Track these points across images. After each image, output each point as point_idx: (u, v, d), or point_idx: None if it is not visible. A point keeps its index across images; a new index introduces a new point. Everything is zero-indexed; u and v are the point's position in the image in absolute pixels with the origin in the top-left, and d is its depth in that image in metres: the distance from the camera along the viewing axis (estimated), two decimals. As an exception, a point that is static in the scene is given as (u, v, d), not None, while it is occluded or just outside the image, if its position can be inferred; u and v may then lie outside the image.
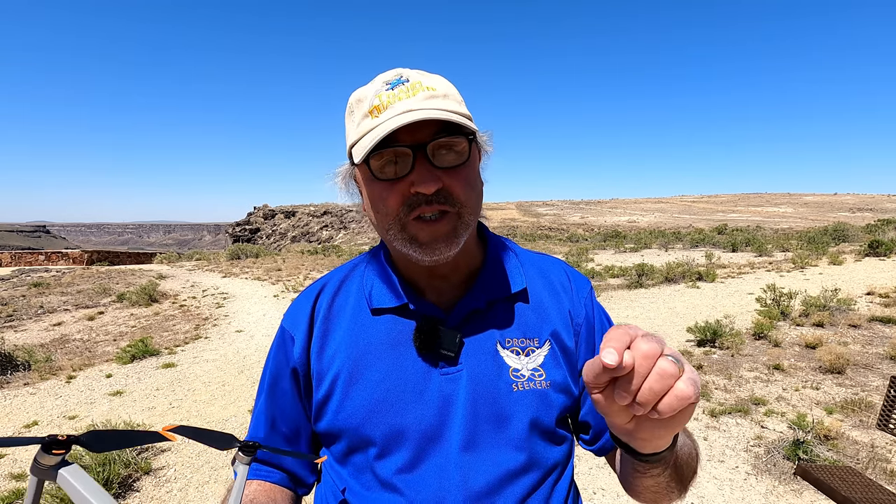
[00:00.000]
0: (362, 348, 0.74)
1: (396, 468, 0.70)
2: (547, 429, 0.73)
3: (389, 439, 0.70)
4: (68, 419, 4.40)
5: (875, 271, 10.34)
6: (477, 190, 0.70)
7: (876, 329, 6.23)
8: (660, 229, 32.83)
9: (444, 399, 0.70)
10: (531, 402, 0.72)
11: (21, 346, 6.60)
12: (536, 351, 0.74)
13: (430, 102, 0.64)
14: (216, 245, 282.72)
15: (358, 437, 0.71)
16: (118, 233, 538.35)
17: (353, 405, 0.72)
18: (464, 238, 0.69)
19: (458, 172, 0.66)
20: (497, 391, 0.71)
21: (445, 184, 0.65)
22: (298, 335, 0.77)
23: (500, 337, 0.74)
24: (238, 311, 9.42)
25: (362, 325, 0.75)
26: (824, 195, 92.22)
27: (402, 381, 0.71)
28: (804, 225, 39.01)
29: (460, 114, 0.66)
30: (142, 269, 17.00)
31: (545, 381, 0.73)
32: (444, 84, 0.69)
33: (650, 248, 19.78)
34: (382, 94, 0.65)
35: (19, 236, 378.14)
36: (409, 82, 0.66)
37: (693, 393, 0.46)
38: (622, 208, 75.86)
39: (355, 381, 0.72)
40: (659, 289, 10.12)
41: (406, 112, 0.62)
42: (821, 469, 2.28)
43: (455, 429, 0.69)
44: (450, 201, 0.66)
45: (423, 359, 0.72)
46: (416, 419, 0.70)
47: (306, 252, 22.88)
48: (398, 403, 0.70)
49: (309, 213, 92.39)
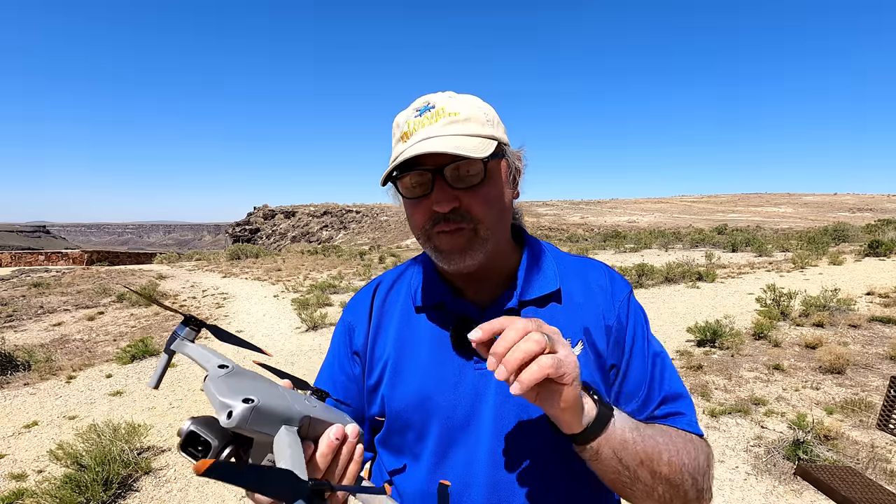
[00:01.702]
0: (407, 342, 0.81)
1: (430, 453, 0.76)
2: None
3: (425, 426, 0.77)
4: (68, 419, 4.41)
5: (875, 271, 10.34)
6: (497, 206, 0.74)
7: (876, 329, 6.23)
8: (660, 229, 32.83)
9: (476, 392, 0.76)
10: None
11: (21, 346, 6.60)
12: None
13: (448, 128, 0.70)
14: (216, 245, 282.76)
15: (400, 422, 0.79)
16: (118, 233, 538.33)
17: (397, 393, 0.79)
18: (482, 251, 0.74)
19: (474, 192, 0.71)
20: None
21: (463, 203, 0.71)
22: (360, 325, 0.87)
23: None
24: (238, 312, 9.43)
25: (409, 320, 0.83)
26: (824, 195, 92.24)
27: (440, 373, 0.77)
28: (804, 225, 39.02)
29: (480, 135, 0.71)
30: (142, 269, 17.01)
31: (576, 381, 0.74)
32: (469, 107, 0.73)
33: (650, 248, 19.78)
34: (411, 120, 0.73)
35: (19, 236, 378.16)
36: (433, 109, 0.73)
37: (551, 366, 0.53)
38: (622, 208, 75.88)
39: (399, 372, 0.80)
40: (659, 289, 10.12)
41: (423, 140, 0.69)
42: (821, 469, 2.28)
43: (485, 420, 0.75)
44: (466, 218, 0.72)
45: (458, 354, 0.77)
46: (450, 409, 0.76)
47: (306, 252, 22.88)
48: (435, 394, 0.77)
49: (309, 214, 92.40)
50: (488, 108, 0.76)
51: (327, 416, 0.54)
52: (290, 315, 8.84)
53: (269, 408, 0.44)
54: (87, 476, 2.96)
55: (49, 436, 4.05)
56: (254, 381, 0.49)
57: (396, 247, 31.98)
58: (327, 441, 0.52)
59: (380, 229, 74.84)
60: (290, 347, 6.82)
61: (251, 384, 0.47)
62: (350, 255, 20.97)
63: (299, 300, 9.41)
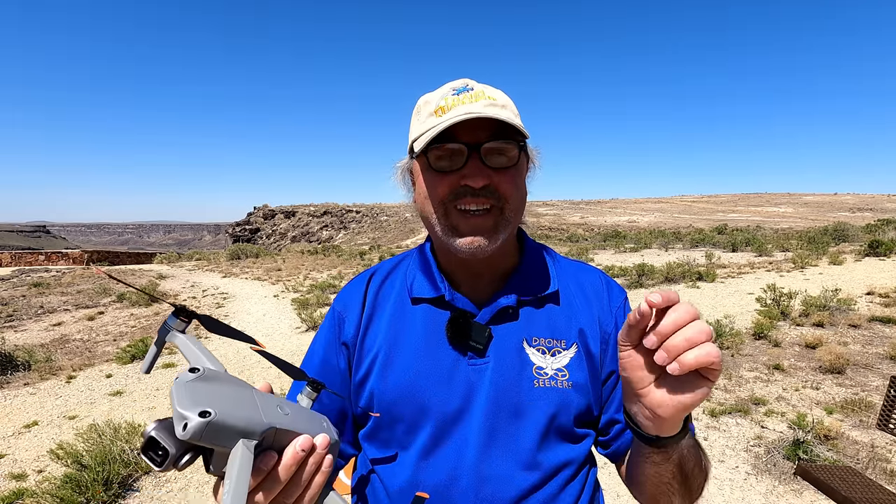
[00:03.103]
0: (400, 334, 0.80)
1: (419, 446, 0.76)
2: (563, 426, 0.76)
3: (416, 419, 0.76)
4: (68, 419, 4.41)
5: (875, 271, 10.34)
6: (521, 192, 0.76)
7: (876, 329, 6.23)
8: (660, 229, 32.84)
9: (469, 387, 0.76)
10: (550, 400, 0.75)
11: (21, 346, 6.60)
12: (563, 352, 0.78)
13: (489, 110, 0.70)
14: (216, 245, 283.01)
15: (389, 415, 0.77)
16: (118, 233, 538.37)
17: (389, 385, 0.78)
18: (503, 235, 0.74)
19: (506, 173, 0.72)
20: (519, 385, 0.75)
21: (493, 181, 0.71)
22: (351, 317, 0.84)
23: (528, 335, 0.78)
24: (238, 311, 9.43)
25: (402, 312, 0.82)
26: (824, 195, 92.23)
27: (433, 366, 0.77)
28: (804, 225, 39.02)
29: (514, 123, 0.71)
30: (142, 269, 17.01)
31: (568, 381, 0.76)
32: (504, 97, 0.76)
33: (650, 248, 19.77)
34: (448, 97, 0.73)
35: (19, 236, 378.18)
36: (473, 90, 0.74)
37: (717, 358, 0.49)
38: (622, 208, 75.86)
39: (391, 364, 0.78)
40: (659, 288, 10.12)
41: (467, 113, 0.69)
42: (821, 469, 2.28)
43: (476, 416, 0.75)
44: (495, 196, 0.72)
45: (453, 348, 0.77)
46: (442, 403, 0.75)
47: (306, 252, 22.87)
48: (427, 387, 0.76)
49: (309, 213, 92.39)
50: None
51: (298, 425, 0.53)
52: (290, 315, 8.84)
53: (225, 422, 0.43)
54: (88, 476, 2.96)
55: (49, 436, 4.05)
56: (223, 387, 0.48)
57: (396, 247, 32.00)
58: (292, 452, 0.51)
59: (380, 229, 74.86)
60: (290, 347, 6.82)
61: (217, 392, 0.46)
62: (350, 255, 20.97)
63: (299, 300, 9.41)
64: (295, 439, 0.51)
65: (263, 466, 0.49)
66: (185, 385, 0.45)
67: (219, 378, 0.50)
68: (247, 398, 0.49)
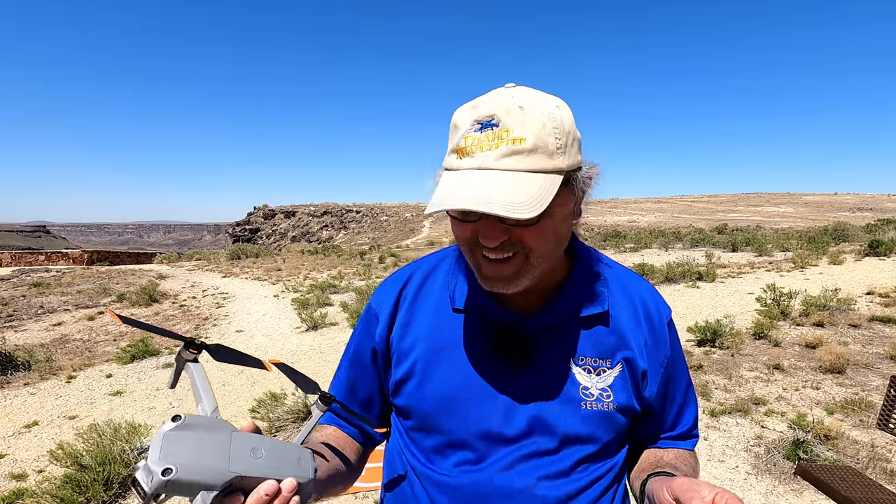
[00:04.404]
0: (441, 342, 0.78)
1: (456, 461, 0.75)
2: (606, 447, 0.77)
3: (454, 432, 0.75)
4: (69, 419, 4.41)
5: (875, 271, 10.34)
6: (553, 238, 0.68)
7: (876, 329, 6.23)
8: (660, 229, 32.82)
9: (511, 405, 0.74)
10: (596, 423, 0.75)
11: (21, 346, 6.60)
12: (608, 371, 0.76)
13: (507, 161, 0.60)
14: (216, 245, 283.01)
15: (429, 423, 0.77)
16: (118, 233, 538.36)
17: (427, 393, 0.77)
18: (529, 278, 0.68)
19: (528, 228, 0.64)
20: (563, 405, 0.74)
21: (514, 235, 0.65)
22: (383, 316, 0.83)
23: (574, 354, 0.76)
24: (238, 311, 9.42)
25: (443, 319, 0.79)
26: (824, 195, 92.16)
27: (474, 380, 0.75)
28: (804, 225, 39.01)
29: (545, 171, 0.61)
30: (142, 269, 17.00)
31: (612, 403, 0.76)
32: (539, 128, 0.61)
33: (650, 247, 19.77)
34: (470, 135, 0.63)
35: (19, 236, 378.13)
36: (497, 127, 0.61)
37: None
38: (622, 208, 75.83)
39: (431, 372, 0.77)
40: (659, 289, 10.10)
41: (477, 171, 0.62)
42: (821, 469, 2.28)
43: (516, 434, 0.73)
44: (517, 246, 0.66)
45: (496, 363, 0.75)
46: (482, 419, 0.74)
47: (306, 252, 22.87)
48: (468, 401, 0.74)
49: (309, 213, 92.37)
50: (564, 120, 0.63)
51: (268, 469, 0.56)
52: (291, 315, 8.84)
53: (185, 479, 0.49)
54: (88, 476, 2.96)
55: (49, 436, 4.05)
56: (197, 437, 0.53)
57: (396, 247, 32.00)
58: (255, 498, 0.53)
59: (380, 229, 74.83)
60: (290, 347, 6.82)
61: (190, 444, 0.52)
62: (350, 254, 20.97)
63: (299, 300, 9.41)
64: (260, 485, 0.55)
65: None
66: (163, 436, 0.51)
67: (199, 425, 0.55)
68: (219, 446, 0.54)
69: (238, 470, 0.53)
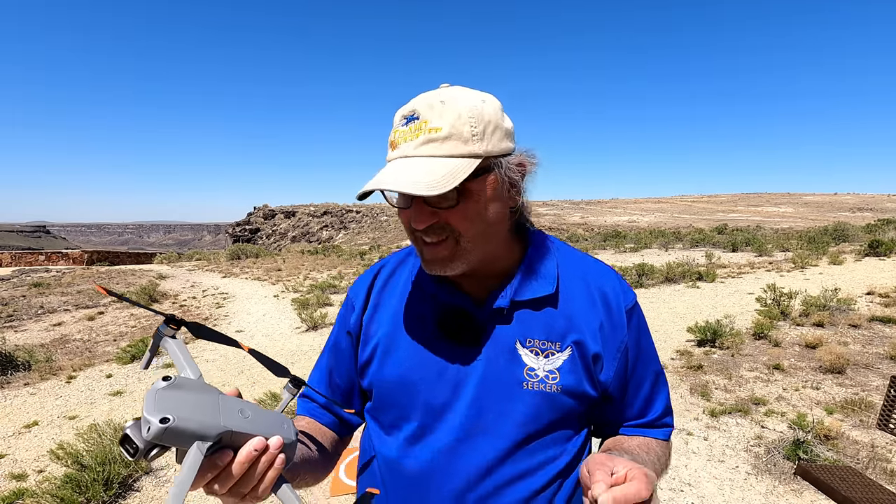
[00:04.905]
0: (400, 326, 0.84)
1: (407, 432, 0.80)
2: (546, 428, 0.78)
3: (406, 407, 0.80)
4: (69, 419, 4.41)
5: (875, 271, 10.34)
6: (479, 221, 0.72)
7: (876, 329, 6.23)
8: (660, 229, 32.82)
9: (458, 384, 0.78)
10: (536, 402, 0.77)
11: (21, 346, 6.60)
12: (556, 354, 0.78)
13: (424, 149, 0.68)
14: (216, 245, 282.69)
15: (386, 401, 0.83)
16: (118, 233, 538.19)
17: (386, 373, 0.82)
18: (464, 261, 0.74)
19: (451, 210, 0.70)
20: (507, 385, 0.77)
21: (442, 218, 0.71)
22: (357, 303, 0.90)
23: (522, 336, 0.79)
24: (238, 312, 9.43)
25: (405, 305, 0.85)
26: (824, 195, 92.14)
27: (426, 361, 0.80)
28: (804, 225, 38.99)
29: (459, 155, 0.67)
30: (142, 269, 17.01)
31: (558, 385, 0.77)
32: (456, 118, 0.68)
33: (650, 248, 19.77)
34: (398, 129, 0.71)
35: (19, 236, 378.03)
36: (417, 121, 0.69)
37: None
38: (622, 208, 75.82)
39: (390, 353, 0.83)
40: (659, 289, 10.12)
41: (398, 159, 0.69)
42: (821, 469, 2.28)
43: (461, 411, 0.77)
44: (447, 230, 0.72)
45: (447, 344, 0.80)
46: (431, 395, 0.79)
47: (306, 252, 22.88)
48: (419, 380, 0.79)
49: (309, 213, 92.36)
50: (484, 111, 0.70)
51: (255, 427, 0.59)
52: (291, 315, 8.84)
53: (181, 427, 0.51)
54: (88, 476, 2.96)
55: (49, 436, 4.05)
56: (189, 395, 0.56)
57: (396, 247, 32.01)
58: (245, 452, 0.56)
59: (380, 229, 74.83)
60: (290, 347, 6.82)
61: (182, 399, 0.54)
62: (350, 255, 20.97)
63: (299, 300, 9.41)
64: (250, 440, 0.58)
65: (219, 462, 0.55)
66: (155, 392, 0.53)
67: (188, 385, 0.57)
68: (210, 404, 0.56)
69: (229, 425, 0.56)
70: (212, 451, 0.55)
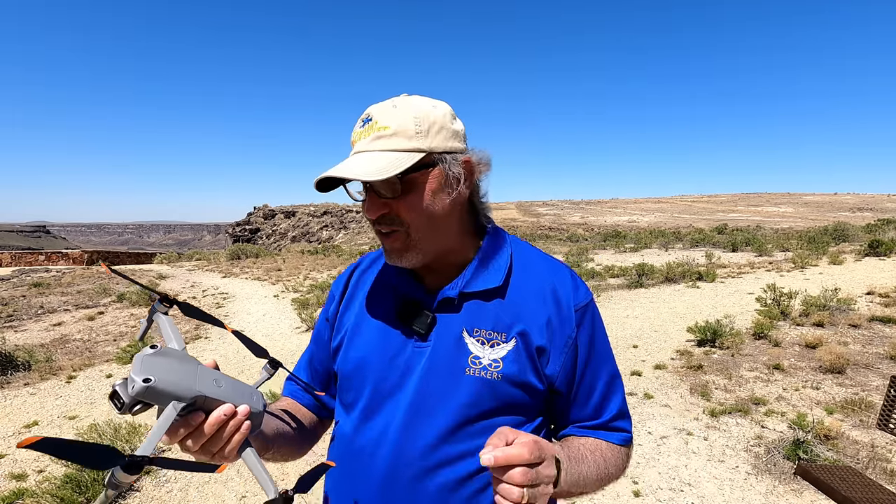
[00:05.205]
0: (365, 315, 0.92)
1: (359, 412, 0.87)
2: (485, 414, 0.81)
3: (360, 389, 0.87)
4: (69, 419, 4.41)
5: (875, 271, 10.33)
6: (425, 213, 0.79)
7: (876, 329, 6.23)
8: (660, 229, 32.81)
9: (408, 368, 0.84)
10: (477, 388, 0.81)
11: (21, 346, 6.60)
12: (501, 345, 0.83)
13: (374, 144, 0.77)
14: (216, 245, 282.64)
15: (347, 383, 0.90)
16: (118, 233, 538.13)
17: (349, 357, 0.90)
18: (418, 251, 0.81)
19: (399, 201, 0.78)
20: (451, 371, 0.82)
21: (392, 209, 0.79)
22: (336, 295, 0.99)
23: (469, 325, 0.84)
24: (238, 312, 9.43)
25: (372, 295, 0.93)
26: (824, 195, 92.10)
27: (382, 346, 0.87)
28: (804, 225, 38.99)
29: (403, 150, 0.76)
30: (142, 269, 17.01)
31: (499, 373, 0.81)
32: (403, 119, 0.77)
33: (650, 247, 19.77)
34: (356, 130, 0.80)
35: (19, 236, 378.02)
36: (370, 122, 0.78)
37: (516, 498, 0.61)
38: (622, 208, 75.81)
39: (354, 339, 0.91)
40: (659, 289, 10.12)
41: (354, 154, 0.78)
42: (821, 469, 2.28)
43: (407, 393, 0.83)
44: (397, 222, 0.79)
45: (402, 332, 0.86)
46: (382, 379, 0.85)
47: (306, 252, 22.88)
48: (375, 364, 0.86)
49: (309, 213, 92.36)
50: (431, 113, 0.78)
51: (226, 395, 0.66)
52: (291, 315, 8.84)
53: (160, 388, 0.58)
54: (88, 476, 2.96)
55: (49, 435, 4.05)
56: (171, 362, 0.62)
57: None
58: (215, 415, 0.64)
59: (380, 229, 74.61)
60: (290, 347, 6.82)
61: (164, 365, 0.61)
62: (350, 255, 20.97)
63: (299, 300, 9.41)
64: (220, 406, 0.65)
65: (192, 422, 0.63)
66: (142, 357, 0.61)
67: (172, 355, 0.64)
68: (188, 371, 0.63)
69: (203, 391, 0.63)
70: (186, 412, 0.62)
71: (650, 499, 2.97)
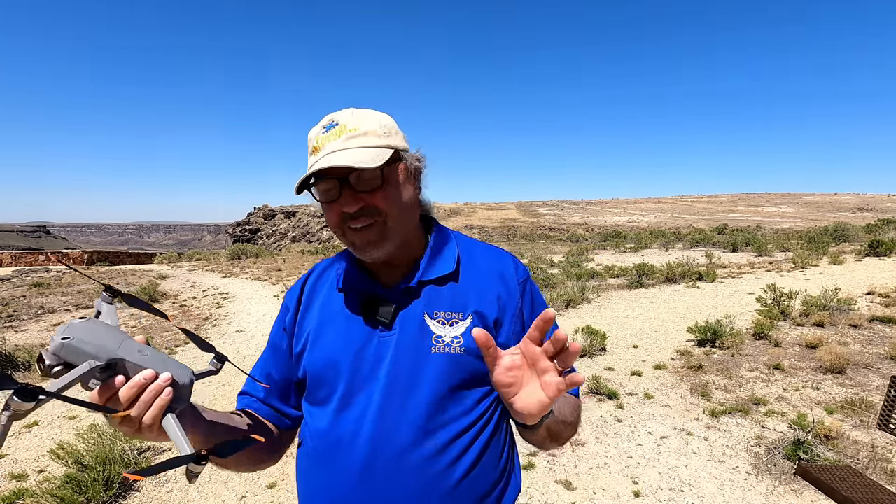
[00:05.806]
0: (327, 316, 0.96)
1: (334, 406, 0.90)
2: (456, 385, 0.88)
3: (334, 381, 0.91)
4: (69, 419, 4.41)
5: (875, 271, 10.33)
6: (398, 202, 0.87)
7: (876, 329, 6.23)
8: (660, 229, 32.80)
9: (378, 358, 0.89)
10: (443, 363, 0.88)
11: (21, 346, 6.60)
12: (460, 322, 0.91)
13: (349, 142, 0.83)
14: (216, 245, 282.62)
15: (317, 381, 0.94)
16: (118, 233, 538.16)
17: (315, 357, 0.94)
18: (392, 240, 0.88)
19: (375, 193, 0.85)
20: (418, 351, 0.89)
21: (367, 202, 0.85)
22: (291, 306, 1.02)
23: (429, 309, 0.92)
24: (238, 312, 9.43)
25: (331, 299, 0.98)
26: (824, 195, 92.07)
27: (350, 342, 0.91)
28: (804, 225, 38.98)
29: (376, 146, 0.84)
30: (142, 269, 17.01)
31: (461, 347, 0.89)
32: (369, 121, 0.86)
33: (650, 248, 19.76)
34: (319, 136, 0.86)
35: (19, 236, 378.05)
36: (337, 125, 0.85)
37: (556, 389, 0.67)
38: (622, 208, 75.80)
39: (318, 340, 0.95)
40: (659, 289, 10.12)
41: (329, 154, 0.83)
42: (821, 469, 2.28)
43: (380, 379, 0.88)
44: (373, 213, 0.85)
45: (367, 326, 0.92)
46: (353, 372, 0.90)
47: (306, 252, 22.88)
48: (344, 359, 0.91)
49: (309, 214, 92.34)
50: (386, 119, 0.89)
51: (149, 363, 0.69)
52: (291, 315, 8.83)
53: (77, 347, 0.63)
54: (88, 476, 2.96)
55: (49, 436, 4.05)
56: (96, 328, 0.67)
57: (396, 247, 31.98)
58: (134, 379, 0.67)
59: (380, 229, 74.62)
60: (290, 347, 6.83)
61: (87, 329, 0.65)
62: (350, 255, 20.93)
63: (299, 300, 9.40)
64: (141, 371, 0.68)
65: (112, 385, 0.67)
66: (69, 323, 0.65)
67: (101, 325, 0.68)
68: (113, 338, 0.67)
69: (123, 355, 0.67)
70: (107, 376, 0.66)
71: (650, 499, 2.97)
